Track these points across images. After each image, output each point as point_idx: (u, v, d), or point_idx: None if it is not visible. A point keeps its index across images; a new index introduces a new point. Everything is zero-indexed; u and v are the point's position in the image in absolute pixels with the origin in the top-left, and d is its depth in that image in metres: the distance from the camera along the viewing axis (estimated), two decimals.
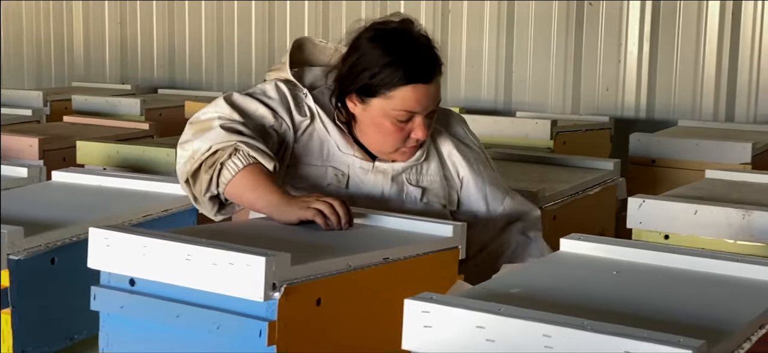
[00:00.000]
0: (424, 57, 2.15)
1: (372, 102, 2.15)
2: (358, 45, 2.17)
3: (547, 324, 1.28)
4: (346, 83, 2.18)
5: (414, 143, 2.20)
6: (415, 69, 2.12)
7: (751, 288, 1.58)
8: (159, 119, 4.43)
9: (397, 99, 2.12)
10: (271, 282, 1.56)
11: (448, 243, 1.97)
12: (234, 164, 2.04)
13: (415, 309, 1.37)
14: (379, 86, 2.12)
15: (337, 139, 2.21)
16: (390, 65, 2.11)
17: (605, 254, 1.76)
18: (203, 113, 2.14)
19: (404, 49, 2.13)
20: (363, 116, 2.18)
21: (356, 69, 2.15)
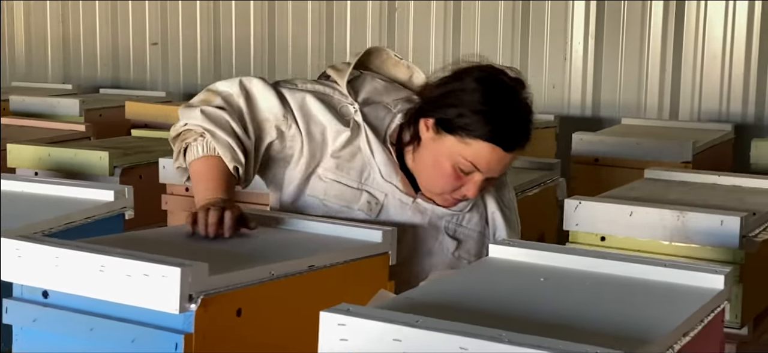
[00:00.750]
0: (517, 126, 2.04)
1: (446, 138, 2.03)
2: (463, 78, 2.06)
3: (463, 337, 1.25)
4: (431, 105, 2.07)
5: (459, 196, 2.10)
6: (503, 132, 2.01)
7: (680, 294, 1.55)
8: (98, 120, 4.35)
9: (471, 149, 2.01)
10: (187, 293, 1.51)
11: (377, 249, 1.93)
12: (196, 149, 2.06)
13: (331, 322, 1.33)
14: (462, 128, 2.01)
15: (381, 163, 2.12)
16: (482, 114, 2.00)
17: (534, 261, 1.73)
18: (221, 84, 2.15)
19: (503, 107, 2.02)
20: (428, 145, 2.07)
21: (449, 98, 2.04)
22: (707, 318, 1.51)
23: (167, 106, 4.31)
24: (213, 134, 2.05)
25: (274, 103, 2.12)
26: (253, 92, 2.12)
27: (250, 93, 2.12)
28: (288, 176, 2.15)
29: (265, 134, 2.12)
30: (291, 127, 2.12)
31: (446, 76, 2.10)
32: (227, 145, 2.05)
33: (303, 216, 2.04)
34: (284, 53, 5.30)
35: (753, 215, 2.26)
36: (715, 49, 4.25)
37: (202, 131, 2.07)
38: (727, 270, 1.60)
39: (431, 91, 2.11)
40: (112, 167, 2.97)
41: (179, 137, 2.13)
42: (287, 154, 2.15)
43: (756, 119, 4.17)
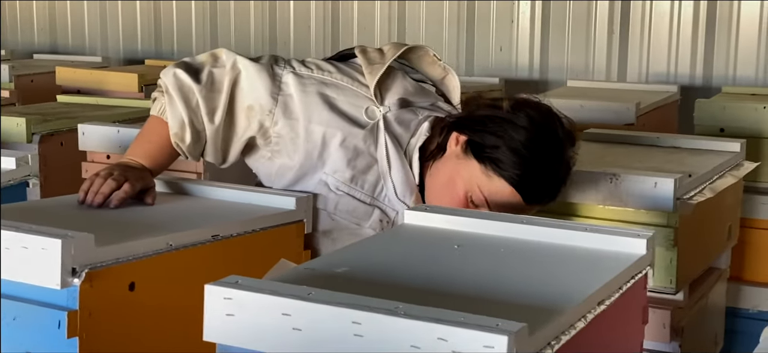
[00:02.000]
0: (549, 184, 1.93)
1: (471, 162, 1.91)
2: (516, 112, 1.92)
3: (357, 310, 1.15)
4: (470, 122, 1.95)
5: None
6: (532, 184, 1.90)
7: (599, 260, 1.46)
8: (30, 86, 4.19)
9: (493, 184, 1.89)
10: (70, 266, 1.40)
11: (290, 217, 1.83)
12: (156, 105, 2.00)
13: (217, 296, 1.22)
14: (492, 160, 1.89)
15: (398, 180, 1.98)
16: (518, 157, 1.88)
17: (451, 227, 1.64)
18: (224, 54, 2.01)
19: (544, 159, 1.90)
20: (451, 160, 1.94)
21: (493, 124, 1.91)
22: (626, 284, 1.42)
23: (100, 71, 4.15)
24: (171, 100, 1.95)
25: (262, 94, 1.95)
26: (243, 77, 1.96)
27: (239, 77, 1.97)
28: (276, 173, 2.00)
29: (241, 124, 1.97)
30: (277, 123, 1.95)
31: (500, 100, 1.98)
32: (179, 119, 1.94)
33: (211, 182, 1.93)
34: (226, 18, 5.15)
35: (689, 176, 2.19)
36: (663, 9, 4.17)
37: (166, 90, 1.97)
38: (650, 233, 1.52)
39: (477, 108, 1.99)
40: (31, 134, 2.83)
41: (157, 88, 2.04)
42: (273, 149, 1.98)
43: (704, 80, 4.11)
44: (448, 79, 2.18)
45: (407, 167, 1.99)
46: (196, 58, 2.03)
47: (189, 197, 1.88)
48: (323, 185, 1.95)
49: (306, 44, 4.93)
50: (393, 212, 1.99)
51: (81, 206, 1.79)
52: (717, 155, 2.45)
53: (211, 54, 2.03)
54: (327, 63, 2.08)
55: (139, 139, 2.02)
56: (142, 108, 3.32)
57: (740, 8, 4.02)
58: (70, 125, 2.92)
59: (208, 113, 1.93)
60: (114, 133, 2.69)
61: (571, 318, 1.25)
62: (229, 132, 1.97)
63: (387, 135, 1.97)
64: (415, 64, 2.17)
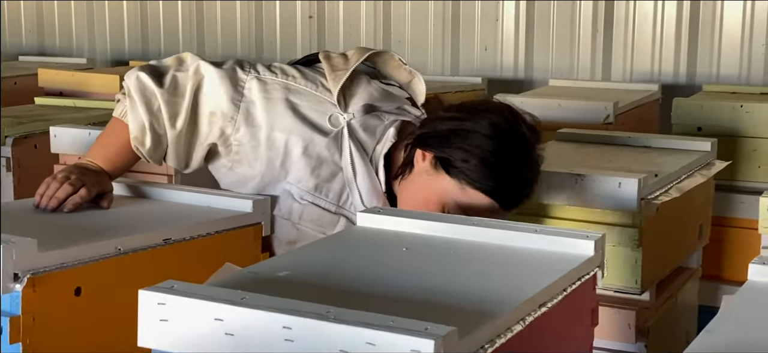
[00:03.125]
0: (523, 186, 1.93)
1: (443, 177, 1.88)
2: (477, 119, 1.91)
3: (287, 315, 1.14)
4: (435, 138, 1.92)
5: None
6: (507, 191, 1.89)
7: (546, 262, 1.45)
8: (12, 88, 4.18)
9: (468, 196, 1.87)
10: (11, 271, 1.40)
11: (247, 220, 1.82)
12: (119, 107, 2.00)
13: (151, 301, 1.21)
14: (464, 174, 1.87)
15: (364, 187, 1.96)
16: (489, 167, 1.86)
17: (403, 229, 1.63)
18: (189, 58, 2.00)
19: (514, 165, 1.90)
20: (421, 176, 1.91)
21: (458, 137, 1.88)
22: (572, 286, 1.41)
23: (82, 73, 4.14)
24: (133, 104, 1.95)
25: (224, 100, 1.93)
26: (206, 82, 1.95)
27: (202, 82, 1.95)
28: (236, 183, 1.97)
29: (204, 131, 1.95)
30: (238, 130, 1.94)
31: (459, 111, 1.95)
32: (140, 123, 1.94)
33: (167, 185, 1.92)
34: (213, 20, 5.14)
35: (655, 176, 2.18)
36: (646, 9, 4.16)
37: (129, 93, 1.97)
38: (598, 235, 1.51)
39: (439, 121, 1.95)
40: (4, 137, 2.83)
41: (120, 90, 2.05)
42: (233, 159, 1.97)
43: (687, 79, 4.09)
44: (414, 83, 2.16)
45: (373, 174, 1.97)
46: (162, 62, 2.02)
47: (144, 201, 1.88)
48: (288, 195, 1.93)
49: (292, 45, 4.92)
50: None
51: (36, 210, 1.78)
52: (687, 154, 2.44)
53: (177, 58, 2.02)
54: (292, 68, 2.06)
55: (99, 141, 2.02)
56: None
57: (723, 8, 4.01)
58: (44, 127, 2.92)
59: (169, 118, 1.92)
60: (85, 135, 2.68)
61: (509, 321, 1.24)
62: (192, 138, 1.96)
63: (351, 142, 1.96)
64: (381, 68, 2.16)
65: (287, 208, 1.93)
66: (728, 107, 3.01)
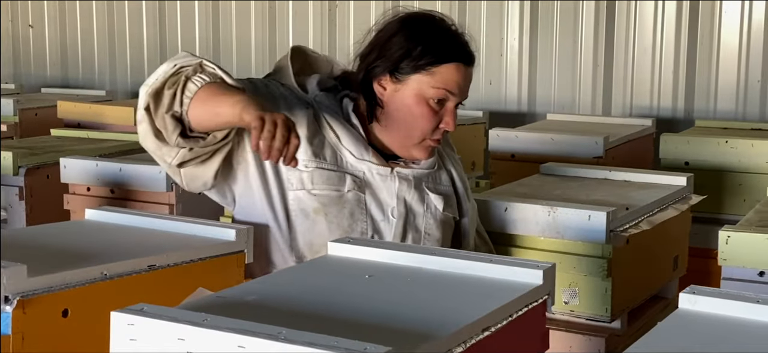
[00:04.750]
0: (462, 40, 2.09)
1: (409, 80, 2.05)
2: (397, 26, 2.08)
3: (242, 335, 1.25)
4: (378, 64, 2.07)
5: (439, 136, 2.10)
6: (460, 49, 2.06)
7: (496, 290, 1.56)
8: (34, 119, 4.36)
9: (440, 76, 2.03)
10: (2, 294, 1.52)
11: (230, 248, 1.94)
12: (200, 78, 1.91)
13: (122, 322, 1.34)
14: (422, 60, 2.03)
15: (350, 145, 2.08)
16: (437, 40, 2.04)
17: (369, 258, 1.74)
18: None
19: (449, 30, 2.08)
20: (393, 98, 2.07)
21: (394, 46, 2.05)
22: (518, 312, 1.51)
23: (100, 105, 4.31)
24: (209, 60, 1.95)
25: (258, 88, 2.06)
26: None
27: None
28: (256, 177, 2.05)
29: None
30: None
31: (367, 41, 2.12)
32: (226, 72, 1.94)
33: (154, 213, 2.04)
34: (229, 52, 5.31)
35: (626, 209, 2.28)
36: (646, 44, 4.26)
37: (201, 62, 1.94)
38: (548, 265, 1.61)
39: (364, 57, 2.11)
40: (17, 167, 2.98)
41: (167, 84, 1.91)
42: (246, 151, 2.04)
43: (685, 114, 4.18)
44: (335, 68, 2.27)
45: (353, 132, 2.09)
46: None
47: (132, 229, 2.00)
48: (294, 171, 2.04)
49: None
50: (360, 172, 2.08)
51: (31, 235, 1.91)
52: (663, 188, 2.54)
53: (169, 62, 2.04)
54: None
55: (219, 99, 1.88)
56: (132, 141, 3.46)
57: (720, 44, 4.10)
58: (56, 158, 3.07)
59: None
60: (93, 166, 2.83)
61: (449, 343, 1.34)
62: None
63: (324, 113, 2.09)
64: (308, 70, 2.24)
65: (298, 179, 2.04)
66: (714, 142, 3.10)
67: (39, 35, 5.95)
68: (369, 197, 2.08)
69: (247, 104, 1.82)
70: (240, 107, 1.82)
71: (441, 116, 2.07)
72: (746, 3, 4.04)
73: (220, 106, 1.86)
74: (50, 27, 5.91)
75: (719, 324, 1.42)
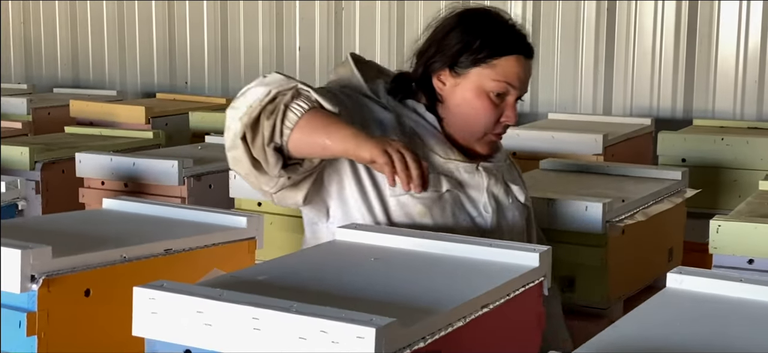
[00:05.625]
0: (521, 32, 2.07)
1: (469, 73, 2.01)
2: (454, 21, 2.05)
3: (256, 308, 1.34)
4: (436, 59, 2.04)
5: (501, 129, 2.08)
6: (520, 41, 2.05)
7: (494, 271, 1.64)
8: (46, 118, 4.46)
9: (500, 68, 2.00)
10: (29, 273, 1.62)
11: (241, 234, 2.03)
12: (298, 106, 1.84)
13: (143, 296, 1.43)
14: (482, 53, 2.00)
15: (435, 146, 2.04)
16: (497, 33, 2.02)
17: (375, 242, 1.82)
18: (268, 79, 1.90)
19: (507, 23, 2.06)
20: (453, 93, 2.04)
21: (452, 41, 2.03)
22: (515, 292, 1.60)
23: (111, 104, 4.41)
24: (305, 84, 1.87)
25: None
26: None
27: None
28: (353, 189, 2.01)
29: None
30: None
31: (423, 38, 2.08)
32: (323, 93, 1.87)
33: (170, 203, 2.13)
34: (237, 55, 5.40)
35: (622, 201, 2.36)
36: (646, 46, 4.35)
37: (297, 87, 1.86)
38: (544, 248, 1.70)
39: (424, 54, 2.07)
40: (33, 162, 3.08)
41: (263, 114, 1.84)
42: (338, 167, 2.00)
43: (684, 113, 4.27)
44: (382, 71, 2.20)
45: (433, 130, 2.05)
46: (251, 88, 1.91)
47: (149, 216, 2.09)
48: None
49: (311, 76, 5.16)
50: (449, 171, 2.04)
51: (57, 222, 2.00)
52: (659, 182, 2.62)
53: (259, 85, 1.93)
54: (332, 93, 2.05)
55: (326, 132, 1.83)
56: (141, 138, 3.56)
57: (718, 45, 4.19)
58: (70, 153, 3.17)
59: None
60: (107, 161, 2.93)
61: (449, 318, 1.43)
62: None
63: (404, 118, 2.05)
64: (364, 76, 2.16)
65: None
66: (710, 139, 3.19)
67: (50, 37, 6.06)
68: (463, 195, 2.05)
69: (359, 140, 1.81)
70: (353, 144, 1.81)
71: (502, 110, 2.04)
72: (744, 5, 4.12)
73: (328, 139, 1.82)
74: (62, 29, 6.01)
75: (704, 301, 1.51)
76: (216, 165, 2.96)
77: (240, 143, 1.86)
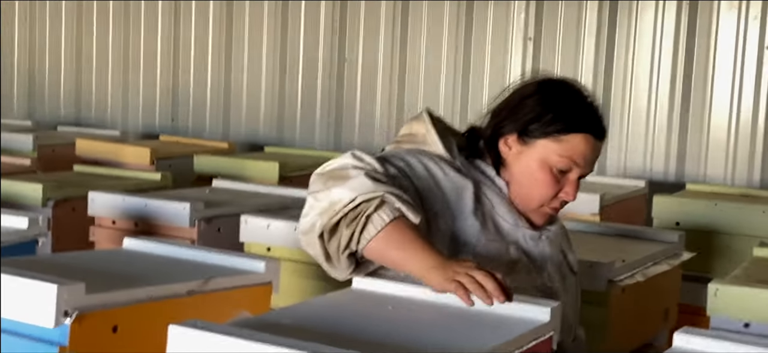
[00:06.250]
0: (598, 113, 2.05)
1: (536, 144, 2.01)
2: (533, 88, 2.05)
3: (290, 349, 1.42)
4: (507, 122, 2.04)
5: (558, 204, 2.06)
6: (593, 121, 2.02)
7: (507, 324, 1.71)
8: (51, 155, 4.52)
9: (567, 145, 1.99)
10: (63, 309, 1.68)
11: (260, 279, 2.10)
12: (380, 218, 1.84)
13: (179, 334, 1.50)
14: (552, 126, 1.99)
15: (503, 212, 2.03)
16: (571, 108, 2.01)
17: (394, 292, 1.90)
18: (336, 162, 1.92)
19: (585, 100, 2.04)
20: (517, 160, 2.03)
21: (526, 108, 2.02)
22: (528, 345, 1.68)
23: (116, 144, 4.49)
24: (394, 194, 1.84)
25: (393, 171, 1.94)
26: (375, 162, 1.92)
27: (374, 162, 1.91)
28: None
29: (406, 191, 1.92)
30: (414, 197, 1.93)
31: (501, 97, 2.08)
32: (407, 202, 1.86)
33: (187, 244, 2.21)
34: (239, 97, 5.50)
35: (622, 261, 2.45)
36: (640, 108, 4.48)
37: (383, 196, 1.84)
38: (555, 304, 1.78)
39: (496, 114, 2.07)
40: (46, 199, 3.15)
41: (344, 221, 1.85)
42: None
43: (676, 177, 4.38)
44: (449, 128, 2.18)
45: (502, 195, 2.05)
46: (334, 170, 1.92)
47: (172, 258, 2.16)
48: (464, 244, 1.98)
49: (311, 125, 5.27)
50: (515, 239, 2.03)
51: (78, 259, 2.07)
52: (656, 244, 2.72)
53: (342, 168, 1.92)
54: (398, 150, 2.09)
55: (402, 253, 1.85)
56: (148, 180, 3.63)
57: (711, 112, 4.32)
58: (82, 192, 3.23)
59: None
60: (120, 201, 3.00)
61: None
62: None
63: (479, 182, 2.03)
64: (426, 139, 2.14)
65: (471, 255, 1.96)
66: (703, 204, 3.29)
67: (54, 74, 6.14)
68: (530, 263, 2.04)
69: (430, 271, 1.81)
70: (423, 273, 1.82)
71: (562, 185, 2.03)
72: (737, 77, 4.26)
73: (400, 261, 1.85)
74: (66, 67, 6.10)
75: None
76: (225, 209, 3.04)
77: (317, 239, 1.88)
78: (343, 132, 5.19)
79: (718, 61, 4.32)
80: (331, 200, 1.85)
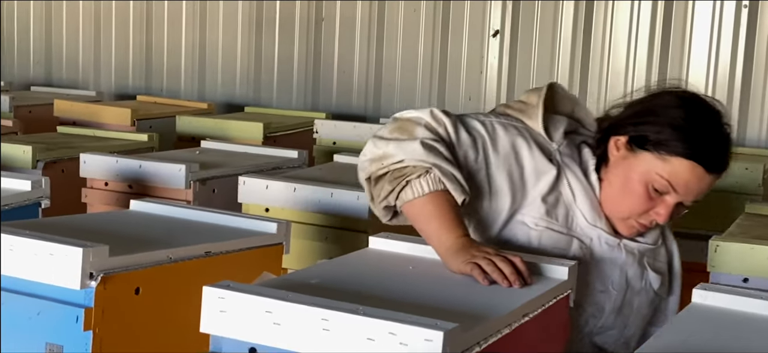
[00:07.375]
0: (722, 149, 1.96)
1: (642, 155, 1.94)
2: (661, 96, 1.99)
3: (325, 309, 1.43)
4: (623, 123, 1.99)
5: (646, 221, 1.99)
6: (709, 153, 1.93)
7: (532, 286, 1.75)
8: (28, 117, 4.46)
9: (671, 167, 1.91)
10: (88, 271, 1.69)
11: (271, 240, 2.11)
12: (420, 186, 1.87)
13: (212, 295, 1.51)
14: (660, 143, 1.92)
15: (585, 208, 1.99)
16: (684, 131, 1.91)
17: (410, 252, 1.93)
18: (415, 112, 1.96)
19: (706, 127, 1.94)
20: (618, 164, 1.98)
21: (645, 115, 1.96)
22: (549, 302, 1.72)
23: (95, 105, 4.44)
24: (441, 169, 1.86)
25: (465, 138, 1.95)
26: (449, 125, 1.94)
27: (448, 125, 1.94)
28: (483, 215, 1.98)
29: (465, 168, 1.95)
30: (481, 167, 1.96)
31: (641, 98, 2.02)
32: (453, 177, 1.87)
33: (205, 209, 2.21)
34: (214, 57, 5.46)
35: None
36: (619, 67, 4.53)
37: (429, 166, 1.86)
38: (572, 263, 1.82)
39: (623, 111, 2.03)
40: (36, 161, 3.12)
41: (388, 176, 1.90)
42: (478, 192, 1.96)
43: None
44: (576, 110, 2.14)
45: (590, 192, 2.01)
46: (394, 127, 1.95)
47: (187, 220, 2.17)
48: (521, 225, 1.97)
49: (288, 86, 5.25)
50: (588, 238, 1.99)
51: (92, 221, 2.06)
52: None
53: (408, 120, 1.97)
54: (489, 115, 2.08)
55: (429, 226, 1.87)
56: (135, 141, 3.61)
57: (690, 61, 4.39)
58: (71, 153, 3.21)
59: (458, 162, 1.94)
60: (113, 162, 2.98)
61: (499, 325, 1.55)
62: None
63: (565, 166, 2.01)
64: (557, 108, 2.11)
65: (525, 237, 1.96)
66: None
67: (23, 33, 6.04)
68: (592, 265, 1.98)
69: (449, 255, 1.81)
70: (448, 256, 1.81)
71: (655, 204, 1.96)
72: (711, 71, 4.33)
73: (430, 238, 1.87)
74: (35, 26, 5.99)
75: (732, 315, 1.65)
76: (219, 170, 3.03)
77: (364, 181, 1.95)
78: (320, 92, 5.18)
79: (692, 53, 4.39)
80: (385, 152, 1.90)
